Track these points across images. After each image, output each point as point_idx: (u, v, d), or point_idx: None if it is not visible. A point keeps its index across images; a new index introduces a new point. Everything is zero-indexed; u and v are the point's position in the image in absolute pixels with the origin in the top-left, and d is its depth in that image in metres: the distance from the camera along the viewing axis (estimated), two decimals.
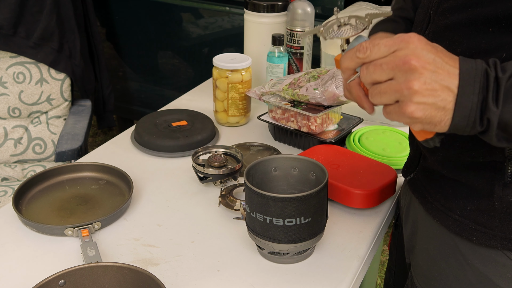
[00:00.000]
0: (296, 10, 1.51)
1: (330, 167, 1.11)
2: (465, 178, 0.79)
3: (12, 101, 1.93)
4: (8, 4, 1.86)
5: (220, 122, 1.45)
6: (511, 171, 0.74)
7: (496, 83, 0.62)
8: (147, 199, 1.12)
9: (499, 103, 0.62)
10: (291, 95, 1.29)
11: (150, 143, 1.29)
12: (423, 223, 0.90)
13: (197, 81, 1.79)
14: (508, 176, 0.74)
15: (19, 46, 1.92)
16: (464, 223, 0.79)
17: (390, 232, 1.21)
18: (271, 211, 0.87)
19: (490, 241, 0.77)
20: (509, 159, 0.73)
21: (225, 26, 2.24)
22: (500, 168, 0.74)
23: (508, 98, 0.62)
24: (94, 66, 2.26)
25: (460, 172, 0.79)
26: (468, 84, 0.62)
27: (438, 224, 0.84)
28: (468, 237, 0.79)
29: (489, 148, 0.73)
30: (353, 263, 0.95)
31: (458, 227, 0.80)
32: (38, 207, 1.08)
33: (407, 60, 0.61)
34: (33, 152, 1.96)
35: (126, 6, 2.41)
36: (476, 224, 0.78)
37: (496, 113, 0.62)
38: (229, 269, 0.93)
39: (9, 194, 1.69)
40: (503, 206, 0.75)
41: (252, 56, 1.53)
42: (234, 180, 1.17)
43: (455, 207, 0.80)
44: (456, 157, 0.79)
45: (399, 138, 1.29)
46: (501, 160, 0.74)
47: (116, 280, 0.84)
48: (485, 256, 0.79)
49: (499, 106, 0.62)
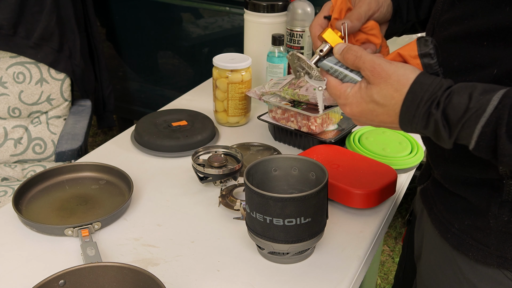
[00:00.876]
0: (296, 10, 1.51)
1: (330, 167, 1.11)
2: (463, 193, 0.78)
3: (12, 101, 1.93)
4: (8, 4, 1.86)
5: (220, 122, 1.45)
6: (508, 190, 0.73)
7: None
8: (147, 199, 1.12)
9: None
10: (291, 95, 1.29)
11: (150, 143, 1.29)
12: (428, 233, 0.90)
13: (197, 81, 1.79)
14: (505, 195, 0.73)
15: (19, 46, 1.92)
16: (461, 237, 0.79)
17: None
18: (271, 211, 0.87)
19: (486, 258, 0.77)
20: (507, 177, 0.73)
21: (225, 26, 2.24)
22: (498, 186, 0.74)
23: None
24: (94, 66, 2.26)
25: (460, 187, 0.79)
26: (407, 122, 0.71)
27: (439, 235, 0.84)
28: (465, 252, 0.79)
29: (484, 165, 0.73)
30: (353, 263, 0.95)
31: (456, 241, 0.80)
32: (38, 207, 1.08)
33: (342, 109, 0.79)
34: (33, 152, 1.96)
35: (126, 6, 2.41)
36: (473, 240, 0.78)
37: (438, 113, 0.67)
38: (229, 269, 0.93)
39: (9, 194, 1.69)
40: (498, 225, 0.75)
41: (252, 56, 1.53)
42: (234, 180, 1.17)
43: (454, 221, 0.80)
44: (456, 172, 0.79)
45: (399, 138, 1.29)
46: (498, 178, 0.73)
47: (116, 280, 0.84)
48: (482, 273, 0.78)
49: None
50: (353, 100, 0.76)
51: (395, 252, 2.38)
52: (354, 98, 0.76)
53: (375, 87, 0.72)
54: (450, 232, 0.81)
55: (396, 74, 0.71)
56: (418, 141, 1.29)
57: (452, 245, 0.81)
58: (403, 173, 1.23)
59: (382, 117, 0.73)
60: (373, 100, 0.73)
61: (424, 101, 0.68)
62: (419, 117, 0.68)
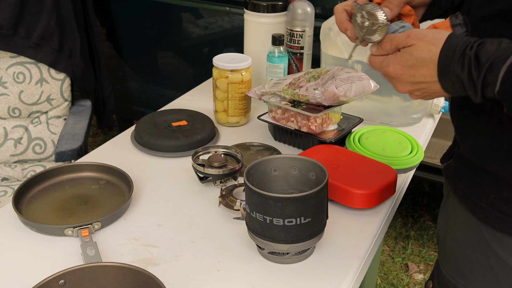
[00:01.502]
0: (296, 10, 1.51)
1: (330, 167, 1.11)
2: (491, 166, 0.81)
3: (12, 101, 1.93)
4: (8, 4, 1.86)
5: (220, 122, 1.45)
6: None
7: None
8: (147, 199, 1.12)
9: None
10: (291, 95, 1.29)
11: (150, 143, 1.29)
12: (454, 212, 0.92)
13: (197, 81, 1.79)
14: None
15: (19, 46, 1.91)
16: (488, 210, 0.82)
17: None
18: (271, 211, 0.87)
19: (511, 228, 0.80)
20: None
21: (225, 26, 2.24)
22: None
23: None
24: (94, 66, 2.26)
25: (487, 159, 0.82)
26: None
27: (466, 210, 0.87)
28: (491, 224, 0.82)
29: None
30: (353, 263, 0.95)
31: (483, 214, 0.83)
32: (38, 207, 1.08)
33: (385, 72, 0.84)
34: (33, 152, 1.96)
35: (126, 6, 2.41)
36: (499, 212, 0.81)
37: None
38: (229, 269, 0.93)
39: (9, 194, 1.69)
40: None
41: (252, 56, 1.53)
42: (234, 180, 1.17)
43: (481, 195, 0.83)
44: (484, 144, 0.82)
45: (399, 138, 1.29)
46: None
47: (116, 280, 0.84)
48: (507, 244, 0.82)
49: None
50: (395, 59, 0.81)
51: (395, 252, 2.39)
52: (395, 58, 0.81)
53: (413, 47, 0.78)
54: (478, 206, 0.84)
55: (431, 33, 0.77)
56: (418, 141, 1.29)
57: (479, 218, 0.84)
58: (403, 173, 1.23)
59: (422, 70, 0.77)
60: (413, 56, 0.78)
61: (459, 46, 0.73)
62: (455, 60, 0.73)
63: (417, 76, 0.78)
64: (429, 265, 2.32)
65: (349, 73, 1.26)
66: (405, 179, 1.23)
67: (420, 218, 2.57)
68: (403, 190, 1.21)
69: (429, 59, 0.76)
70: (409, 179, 1.26)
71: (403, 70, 0.79)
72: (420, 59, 0.77)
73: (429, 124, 1.50)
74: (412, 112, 1.45)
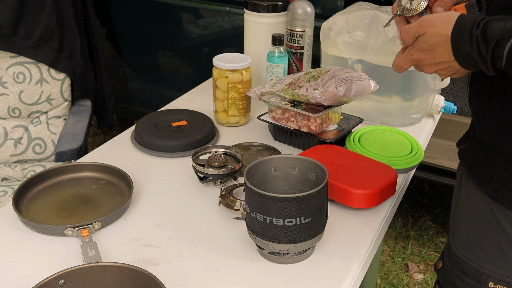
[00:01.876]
0: (296, 10, 1.51)
1: (330, 167, 1.11)
2: (503, 146, 0.85)
3: (12, 101, 1.93)
4: (8, 4, 1.86)
5: (220, 122, 1.45)
6: None
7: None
8: (147, 199, 1.12)
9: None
10: (291, 95, 1.29)
11: (150, 143, 1.29)
12: (467, 192, 0.95)
13: (197, 81, 1.79)
14: None
15: (19, 46, 1.91)
16: (499, 189, 0.86)
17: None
18: (271, 211, 0.87)
19: None
20: None
21: (225, 26, 2.24)
22: None
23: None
24: (94, 66, 2.26)
25: (500, 141, 0.86)
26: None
27: (479, 190, 0.90)
28: (501, 201, 0.86)
29: None
30: (353, 263, 0.95)
31: (494, 192, 0.87)
32: (38, 207, 1.08)
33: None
34: (33, 152, 1.96)
35: (126, 6, 2.41)
36: (509, 190, 0.85)
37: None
38: (229, 269, 0.93)
39: (9, 194, 1.69)
40: None
41: (252, 56, 1.53)
42: (234, 180, 1.17)
43: (493, 174, 0.87)
44: (499, 125, 0.86)
45: (399, 138, 1.29)
46: None
47: (116, 280, 0.84)
48: None
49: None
50: (415, 48, 0.88)
51: (395, 252, 2.39)
52: (414, 46, 0.88)
53: (426, 35, 0.85)
54: (490, 184, 0.88)
55: (439, 18, 0.83)
56: (418, 141, 1.29)
57: (490, 196, 0.88)
58: (403, 173, 1.23)
59: (440, 51, 0.84)
60: (428, 44, 0.85)
61: (467, 26, 0.79)
62: (464, 40, 0.79)
63: (438, 57, 0.84)
64: (429, 265, 2.32)
65: (349, 73, 1.26)
66: (405, 179, 1.23)
67: (420, 218, 2.57)
68: (403, 190, 1.21)
69: (443, 42, 0.82)
70: (409, 179, 1.26)
71: (425, 55, 0.86)
72: (435, 44, 0.83)
73: (429, 124, 1.50)
74: (412, 112, 1.45)
